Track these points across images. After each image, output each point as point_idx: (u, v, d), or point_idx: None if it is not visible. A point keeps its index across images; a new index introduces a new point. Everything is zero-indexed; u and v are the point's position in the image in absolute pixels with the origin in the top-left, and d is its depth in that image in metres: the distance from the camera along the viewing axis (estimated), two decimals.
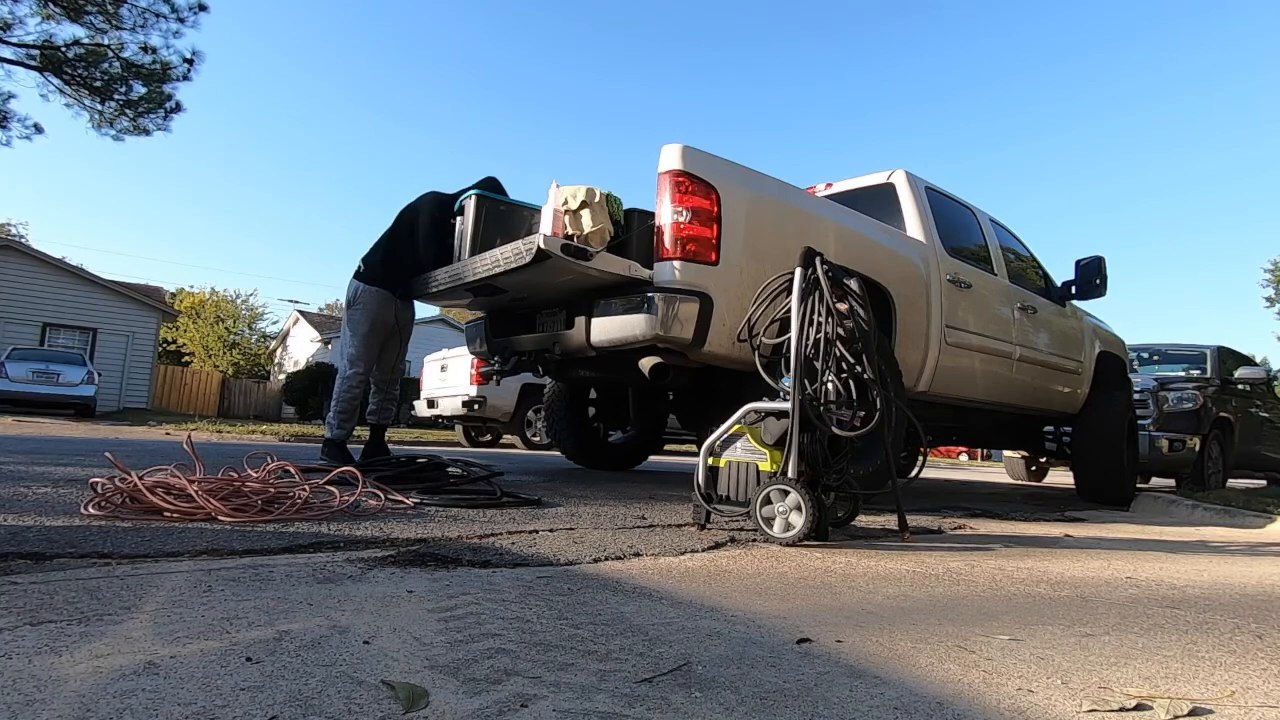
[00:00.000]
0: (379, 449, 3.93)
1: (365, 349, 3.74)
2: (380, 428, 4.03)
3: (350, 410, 3.75)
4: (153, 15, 12.44)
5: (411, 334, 4.06)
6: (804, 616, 1.34)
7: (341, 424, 3.73)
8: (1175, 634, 1.36)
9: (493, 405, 8.80)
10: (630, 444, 5.49)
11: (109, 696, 0.77)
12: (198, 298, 34.52)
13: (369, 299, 3.72)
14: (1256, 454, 8.05)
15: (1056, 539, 2.93)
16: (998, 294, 4.63)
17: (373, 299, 3.72)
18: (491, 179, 3.84)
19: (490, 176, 3.85)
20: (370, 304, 3.71)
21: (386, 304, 3.76)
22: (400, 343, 3.95)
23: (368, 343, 3.73)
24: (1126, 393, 5.79)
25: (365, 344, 3.73)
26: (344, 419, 3.74)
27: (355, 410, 3.80)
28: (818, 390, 2.35)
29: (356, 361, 3.72)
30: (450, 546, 1.82)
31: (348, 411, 3.75)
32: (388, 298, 3.76)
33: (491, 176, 3.85)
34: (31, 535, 1.63)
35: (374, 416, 3.99)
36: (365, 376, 3.78)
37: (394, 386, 4.02)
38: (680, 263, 3.00)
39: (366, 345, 3.74)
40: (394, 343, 3.92)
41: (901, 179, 4.32)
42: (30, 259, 18.60)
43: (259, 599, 1.21)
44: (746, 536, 2.34)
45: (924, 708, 0.89)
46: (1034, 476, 9.79)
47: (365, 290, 3.72)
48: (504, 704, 0.81)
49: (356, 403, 3.79)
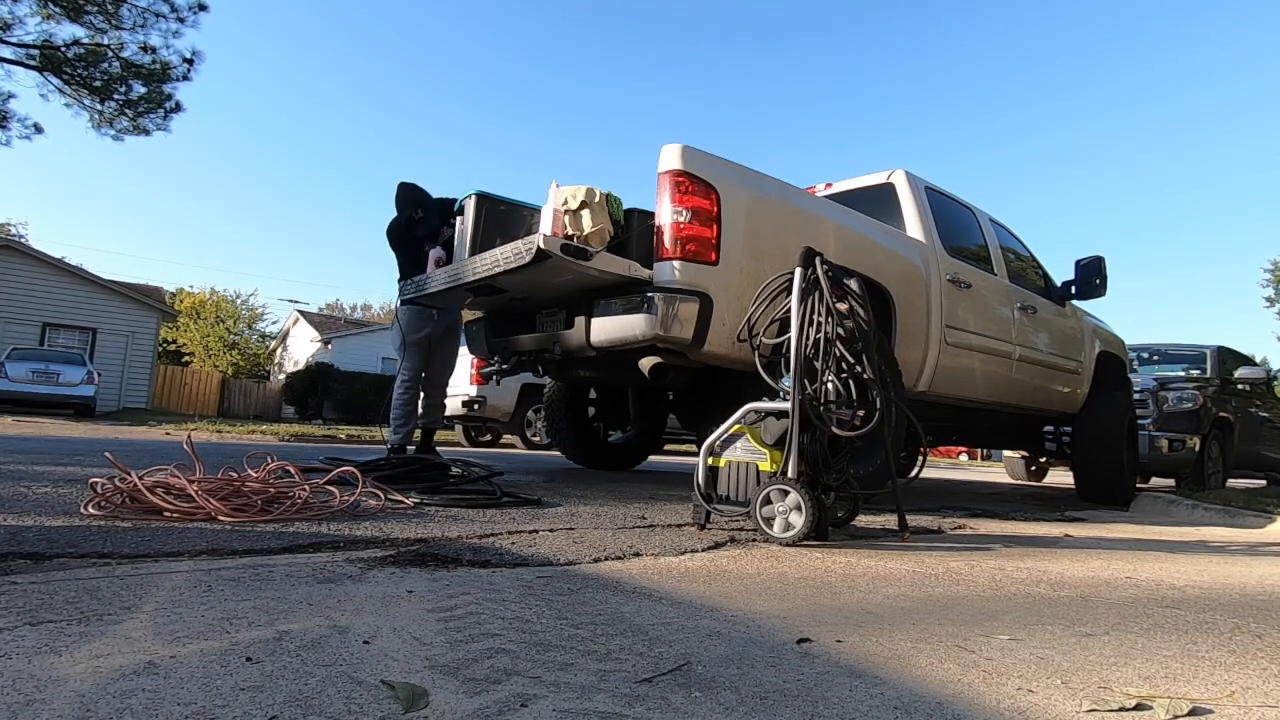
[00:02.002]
0: (428, 450, 4.28)
1: (405, 361, 4.14)
2: (429, 431, 4.42)
3: (404, 416, 4.09)
4: (153, 15, 12.44)
5: (458, 342, 4.41)
6: (804, 616, 1.34)
7: (396, 429, 4.09)
8: (1175, 634, 1.36)
9: (493, 405, 8.80)
10: (630, 444, 5.49)
11: (109, 696, 0.77)
12: (198, 298, 34.47)
13: (401, 316, 4.15)
14: (1256, 454, 8.05)
15: (1056, 539, 2.93)
16: (998, 294, 4.63)
17: (403, 316, 4.14)
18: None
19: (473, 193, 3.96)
20: (401, 320, 4.13)
21: (415, 319, 4.10)
22: (440, 351, 4.28)
23: (407, 355, 4.13)
24: (1126, 393, 5.79)
25: (404, 356, 4.14)
26: (398, 424, 4.09)
27: (409, 415, 4.13)
28: (818, 390, 2.35)
29: (401, 372, 4.15)
30: (450, 546, 1.82)
31: (402, 418, 4.10)
32: (418, 313, 4.10)
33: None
34: (31, 535, 1.63)
35: (422, 420, 4.34)
36: (411, 385, 4.14)
37: (439, 393, 4.38)
38: (680, 263, 3.00)
39: (405, 357, 4.14)
40: (437, 352, 4.26)
41: (901, 179, 4.32)
42: (30, 259, 18.59)
43: (259, 599, 1.21)
44: (746, 536, 2.34)
45: (924, 708, 0.89)
46: (1034, 476, 9.78)
47: (400, 309, 4.15)
48: (504, 704, 0.81)
49: (408, 408, 4.12)
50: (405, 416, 4.11)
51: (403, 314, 4.12)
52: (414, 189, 4.20)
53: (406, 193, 4.18)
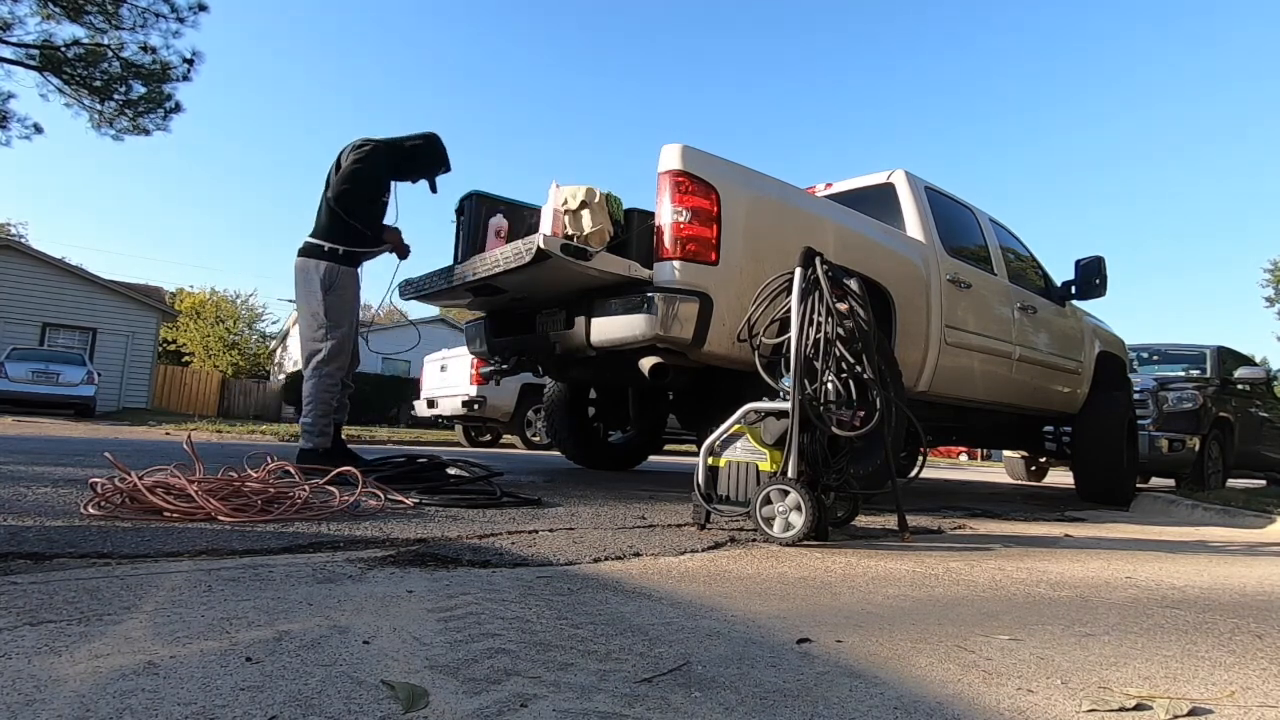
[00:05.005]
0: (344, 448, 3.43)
1: (349, 341, 3.36)
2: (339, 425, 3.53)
3: (331, 411, 3.33)
4: (153, 15, 12.45)
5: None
6: (804, 616, 1.34)
7: (324, 430, 3.29)
8: (1175, 634, 1.36)
9: (493, 405, 8.80)
10: (630, 444, 5.48)
11: (109, 696, 0.77)
12: (198, 298, 34.47)
13: (350, 282, 3.34)
14: (1256, 454, 8.05)
15: (1056, 539, 2.93)
16: (998, 294, 4.63)
17: (353, 282, 3.36)
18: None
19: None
20: (352, 288, 3.35)
21: (357, 286, 3.41)
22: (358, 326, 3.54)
23: (344, 331, 3.31)
24: (1126, 393, 5.78)
25: (349, 336, 3.35)
26: (326, 424, 3.30)
27: (342, 406, 3.45)
28: (818, 390, 2.35)
29: (339, 355, 3.30)
30: (450, 546, 1.82)
31: (330, 414, 3.33)
32: (359, 277, 3.42)
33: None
34: (31, 535, 1.63)
35: (338, 415, 3.46)
36: (343, 368, 3.36)
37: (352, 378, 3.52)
38: (680, 263, 3.00)
39: (351, 337, 3.37)
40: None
41: (901, 179, 4.32)
42: (30, 259, 18.59)
43: (259, 599, 1.21)
44: (746, 536, 2.34)
45: (924, 708, 0.89)
46: (1034, 476, 9.78)
47: (345, 273, 3.32)
48: (504, 704, 0.81)
49: (340, 397, 3.40)
50: (341, 407, 3.43)
51: (350, 280, 3.34)
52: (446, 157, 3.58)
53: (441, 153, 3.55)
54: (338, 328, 3.30)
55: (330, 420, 3.34)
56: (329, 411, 3.33)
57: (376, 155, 3.34)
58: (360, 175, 3.27)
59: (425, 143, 3.51)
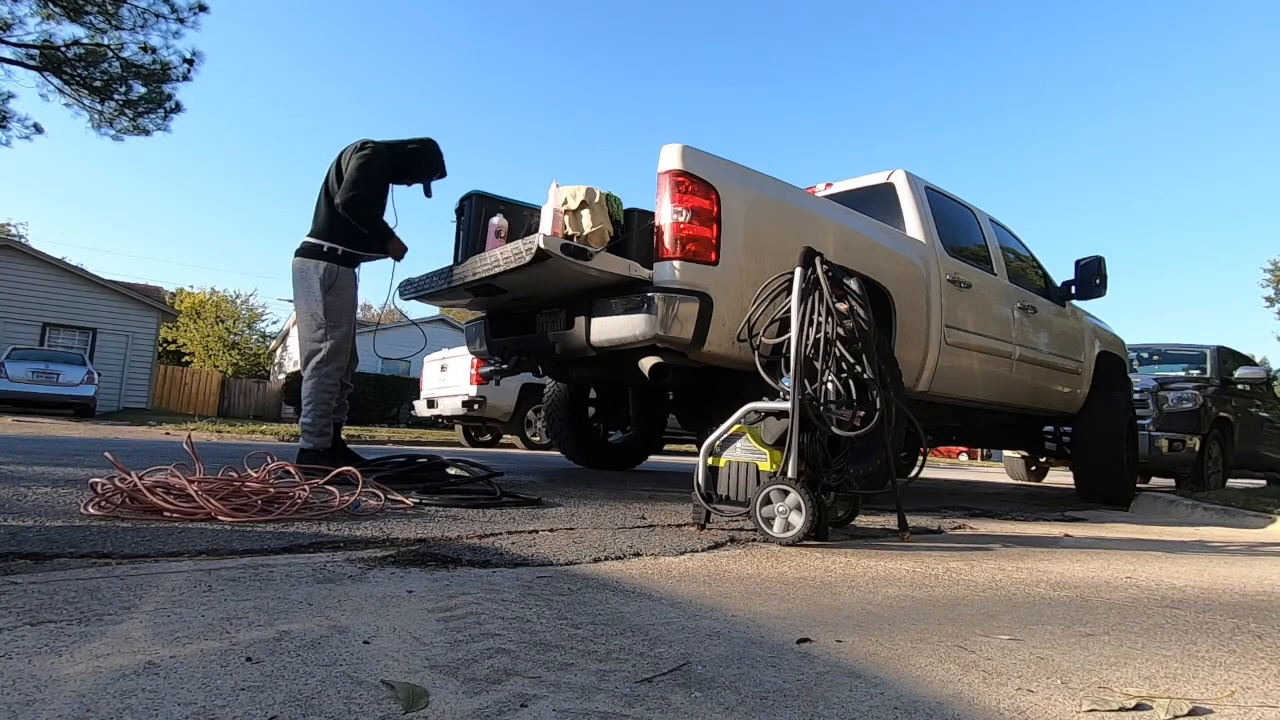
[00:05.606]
0: (344, 448, 3.45)
1: (348, 341, 3.37)
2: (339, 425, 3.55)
3: (330, 411, 3.34)
4: (153, 15, 12.44)
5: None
6: (804, 616, 1.34)
7: (324, 430, 3.30)
8: (1175, 634, 1.36)
9: (493, 405, 8.80)
10: (630, 444, 5.48)
11: (109, 696, 0.77)
12: (198, 298, 34.48)
13: (349, 282, 3.36)
14: (1256, 454, 8.05)
15: (1056, 539, 2.93)
16: (998, 294, 4.63)
17: (352, 282, 3.38)
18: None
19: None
20: (351, 288, 3.38)
21: (356, 286, 3.45)
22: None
23: (343, 331, 3.33)
24: (1126, 393, 5.78)
25: (348, 336, 3.36)
26: (326, 424, 3.31)
27: (342, 406, 3.46)
28: (818, 390, 2.35)
29: (338, 355, 3.31)
30: (450, 546, 1.82)
31: (329, 414, 3.33)
32: (357, 278, 3.46)
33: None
34: (31, 535, 1.63)
35: (338, 415, 3.48)
36: (342, 367, 3.37)
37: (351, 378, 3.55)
38: (680, 263, 3.00)
39: (350, 337, 3.38)
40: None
41: (901, 179, 4.32)
42: (30, 259, 18.59)
43: (259, 599, 1.21)
44: (746, 536, 2.34)
45: (924, 708, 0.89)
46: (1034, 476, 9.78)
47: (345, 273, 3.34)
48: (504, 704, 0.81)
49: (340, 397, 3.42)
50: (341, 407, 3.44)
51: (350, 280, 3.36)
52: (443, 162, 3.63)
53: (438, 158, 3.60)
54: (337, 328, 3.31)
55: (330, 420, 3.35)
56: (328, 411, 3.34)
57: (379, 158, 3.35)
58: (369, 180, 3.29)
59: (423, 147, 3.55)
